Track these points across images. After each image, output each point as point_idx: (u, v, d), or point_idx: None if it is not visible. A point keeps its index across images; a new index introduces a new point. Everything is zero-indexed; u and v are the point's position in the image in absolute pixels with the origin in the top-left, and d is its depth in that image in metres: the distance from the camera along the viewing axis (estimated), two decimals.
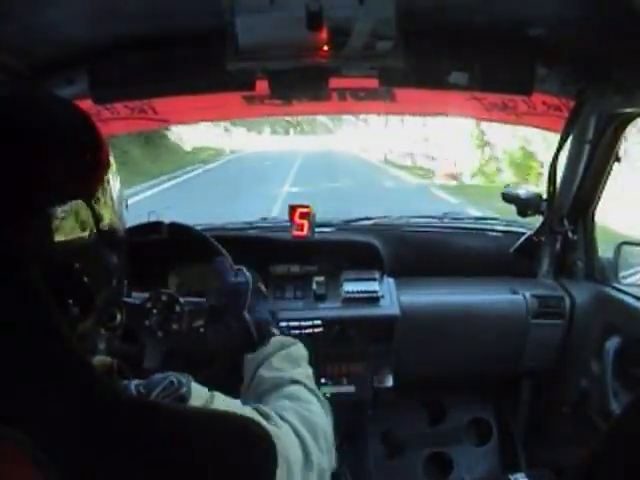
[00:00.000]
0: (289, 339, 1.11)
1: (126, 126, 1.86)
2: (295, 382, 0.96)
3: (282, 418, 0.77)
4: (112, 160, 0.69)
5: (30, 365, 0.54)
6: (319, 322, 1.75)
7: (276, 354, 1.05)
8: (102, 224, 0.64)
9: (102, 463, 0.53)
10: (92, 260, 0.64)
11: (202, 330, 1.39)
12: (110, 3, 1.19)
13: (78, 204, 0.61)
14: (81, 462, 0.52)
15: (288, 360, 1.04)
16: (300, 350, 1.09)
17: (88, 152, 0.64)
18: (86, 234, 0.62)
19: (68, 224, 0.59)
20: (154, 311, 1.41)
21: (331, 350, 1.77)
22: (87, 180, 0.63)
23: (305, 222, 1.85)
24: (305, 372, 1.02)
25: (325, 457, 0.82)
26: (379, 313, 1.80)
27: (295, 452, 0.72)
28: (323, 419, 0.89)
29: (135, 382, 0.68)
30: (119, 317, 0.74)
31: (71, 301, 0.62)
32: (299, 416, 0.82)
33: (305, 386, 0.96)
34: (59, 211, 0.58)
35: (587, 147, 1.70)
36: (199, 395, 0.69)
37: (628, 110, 1.55)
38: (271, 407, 0.80)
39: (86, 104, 1.52)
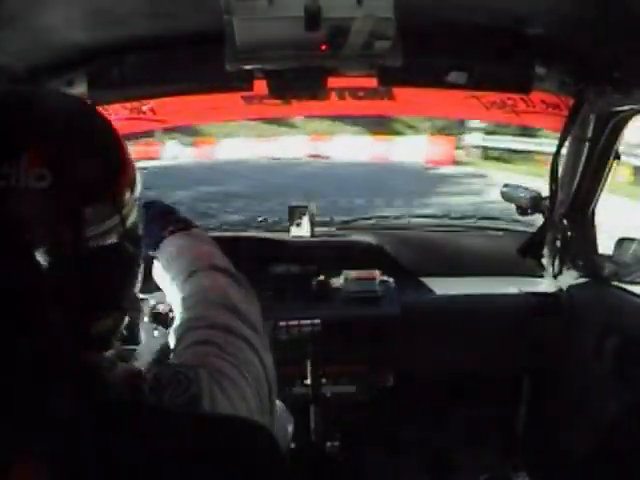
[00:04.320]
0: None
1: (125, 127, 1.86)
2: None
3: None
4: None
5: (31, 365, 0.54)
6: (319, 322, 1.75)
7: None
8: (128, 223, 0.64)
9: (103, 464, 0.53)
10: (121, 259, 0.64)
11: None
12: (108, 4, 1.19)
13: (106, 205, 0.60)
14: (83, 463, 0.52)
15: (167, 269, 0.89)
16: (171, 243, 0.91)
17: (112, 152, 0.64)
18: (115, 235, 0.61)
19: (98, 225, 0.59)
20: (157, 310, 1.42)
21: (331, 350, 1.77)
22: (113, 180, 0.62)
23: (305, 222, 1.86)
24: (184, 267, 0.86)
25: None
26: (379, 313, 1.80)
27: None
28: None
29: (145, 378, 0.67)
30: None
31: (92, 301, 0.62)
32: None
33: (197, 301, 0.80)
34: (88, 212, 0.58)
35: (586, 145, 1.70)
36: (205, 392, 0.68)
37: (627, 108, 1.55)
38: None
39: None
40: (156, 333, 1.40)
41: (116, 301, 0.66)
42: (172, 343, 0.79)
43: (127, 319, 0.71)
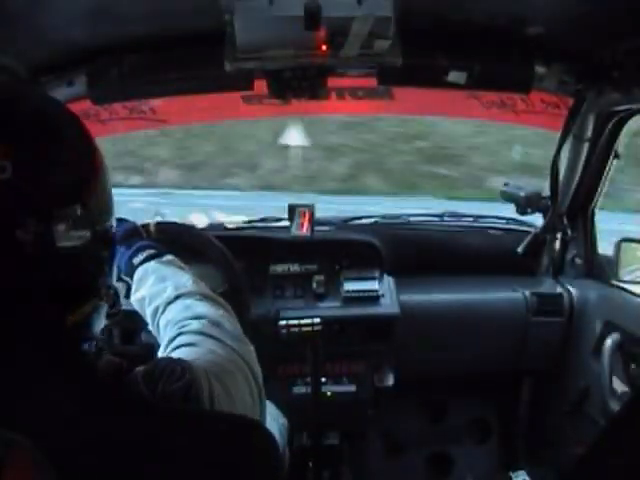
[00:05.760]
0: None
1: (125, 126, 1.86)
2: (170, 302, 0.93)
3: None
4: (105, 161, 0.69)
5: (30, 366, 0.54)
6: (319, 321, 1.75)
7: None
8: (98, 227, 0.65)
9: (102, 463, 0.53)
10: (89, 257, 0.65)
11: None
12: (108, 4, 1.19)
13: (76, 207, 0.61)
14: (81, 462, 0.52)
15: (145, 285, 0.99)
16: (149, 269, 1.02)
17: (83, 159, 0.65)
18: (83, 237, 0.62)
19: (68, 228, 0.60)
20: None
21: (331, 349, 1.77)
22: (84, 184, 0.63)
23: (305, 221, 1.85)
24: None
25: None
26: (379, 312, 1.80)
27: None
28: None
29: (140, 369, 0.68)
30: (117, 306, 0.79)
31: (70, 292, 0.63)
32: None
33: (183, 296, 0.92)
34: (54, 212, 0.59)
35: (586, 145, 1.70)
36: (203, 381, 0.69)
37: (626, 108, 1.55)
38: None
39: (85, 105, 1.52)
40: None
41: (88, 293, 0.67)
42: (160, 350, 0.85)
43: (105, 306, 0.73)
